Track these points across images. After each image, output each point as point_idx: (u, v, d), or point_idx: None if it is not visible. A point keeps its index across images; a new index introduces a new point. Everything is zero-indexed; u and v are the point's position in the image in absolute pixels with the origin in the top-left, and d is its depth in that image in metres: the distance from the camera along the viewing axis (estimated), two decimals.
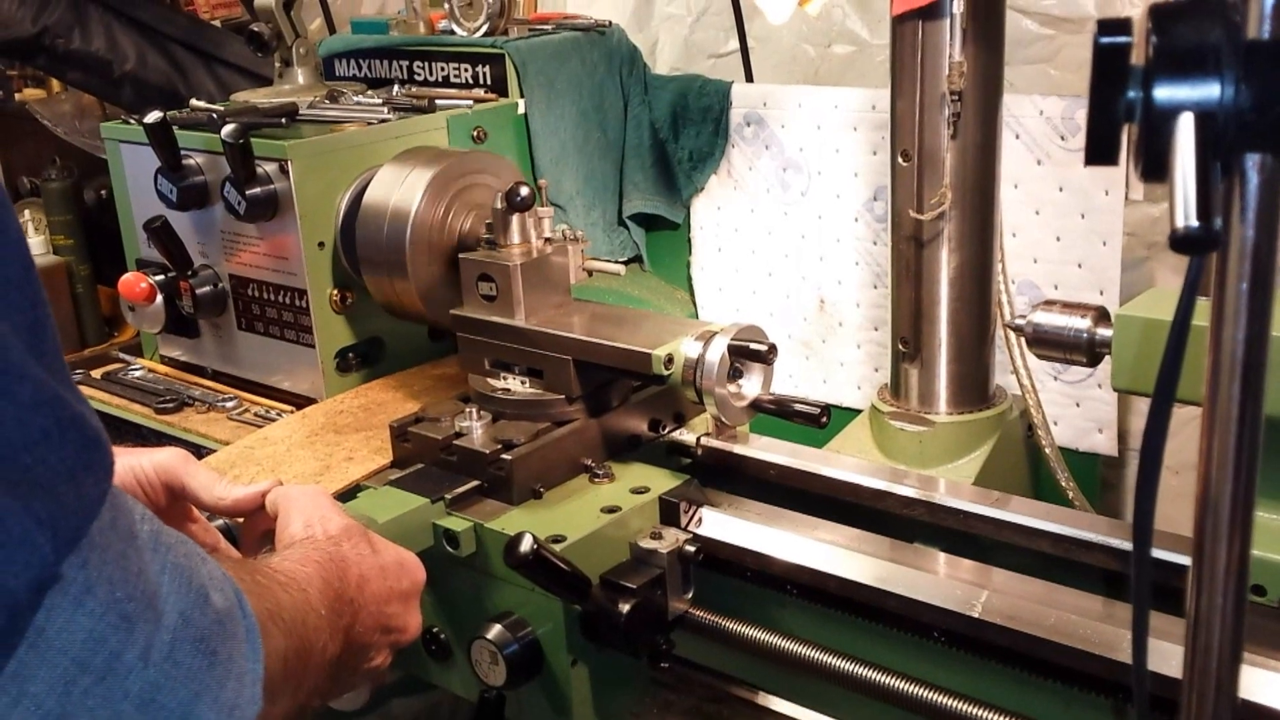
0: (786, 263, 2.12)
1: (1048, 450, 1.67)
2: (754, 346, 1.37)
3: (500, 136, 2.03)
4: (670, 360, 1.42)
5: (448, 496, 1.43)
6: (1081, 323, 1.20)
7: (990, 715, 1.19)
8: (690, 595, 1.43)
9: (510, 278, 1.54)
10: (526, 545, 1.26)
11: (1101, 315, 1.20)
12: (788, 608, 1.42)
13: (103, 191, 3.10)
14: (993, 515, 1.45)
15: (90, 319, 3.12)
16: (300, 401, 1.88)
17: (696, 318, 2.26)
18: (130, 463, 1.26)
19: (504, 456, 1.44)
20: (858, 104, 1.96)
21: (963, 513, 1.47)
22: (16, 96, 3.35)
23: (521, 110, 2.06)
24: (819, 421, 1.39)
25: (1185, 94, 0.57)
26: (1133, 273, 1.95)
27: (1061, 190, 1.77)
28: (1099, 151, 0.58)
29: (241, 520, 1.32)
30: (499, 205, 1.56)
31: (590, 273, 1.64)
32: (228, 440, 1.79)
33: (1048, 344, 1.22)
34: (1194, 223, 0.56)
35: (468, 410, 1.52)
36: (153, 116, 1.77)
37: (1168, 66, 0.57)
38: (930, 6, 1.49)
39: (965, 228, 1.61)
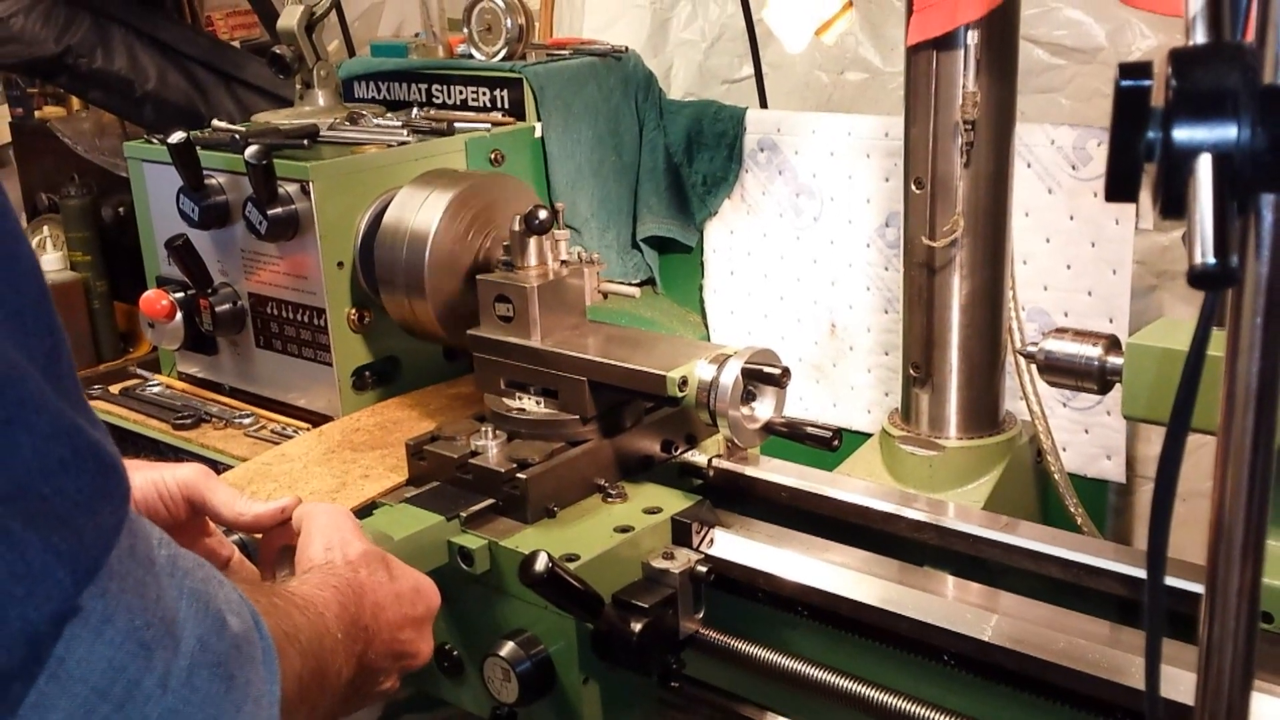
0: (798, 287, 2.14)
1: (1056, 476, 1.69)
2: (768, 370, 1.38)
3: (517, 159, 2.06)
4: (684, 382, 1.44)
5: (463, 514, 1.45)
6: (1093, 351, 1.21)
7: None
8: (701, 615, 1.44)
9: (527, 299, 1.56)
10: (541, 564, 1.27)
11: (1113, 344, 1.22)
12: (798, 629, 1.44)
13: (120, 209, 3.14)
14: (1001, 540, 1.46)
15: (106, 334, 3.15)
16: (317, 419, 1.90)
17: (709, 340, 2.28)
18: (152, 477, 1.27)
19: (519, 476, 1.45)
20: (870, 131, 1.99)
21: (972, 537, 1.49)
22: (37, 114, 3.39)
23: (538, 134, 2.09)
24: (830, 445, 1.40)
25: (1203, 136, 0.59)
26: (1142, 301, 1.97)
27: (1072, 219, 1.79)
28: (1119, 189, 0.60)
29: (260, 535, 1.33)
30: (517, 227, 1.58)
31: (605, 295, 1.65)
32: (245, 456, 1.81)
33: (1059, 371, 1.24)
34: (1211, 260, 0.58)
35: (483, 430, 1.54)
36: (177, 137, 1.80)
37: (1187, 109, 0.59)
38: (945, 37, 1.51)
39: (977, 255, 1.62)
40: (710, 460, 1.67)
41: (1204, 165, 0.59)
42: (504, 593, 1.44)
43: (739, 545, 1.46)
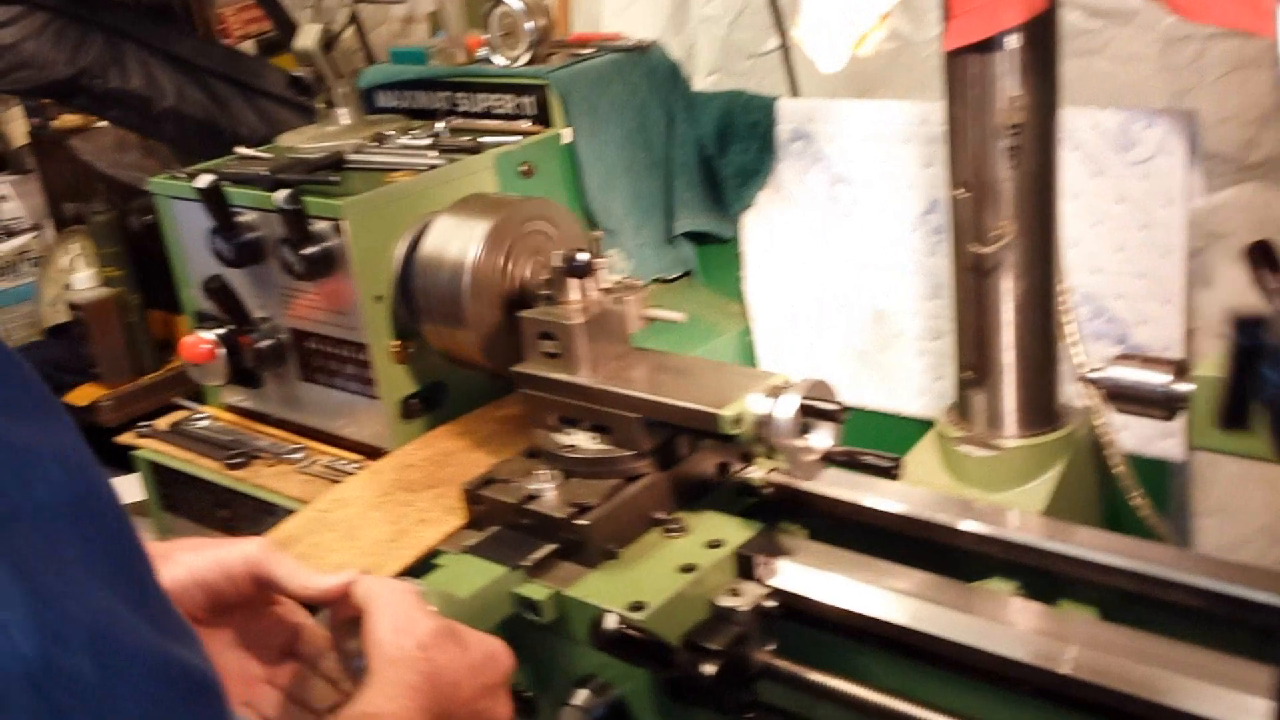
0: (840, 275, 2.10)
1: (1119, 470, 1.66)
2: (824, 407, 1.36)
3: (548, 168, 2.02)
4: (739, 419, 1.42)
5: (526, 564, 1.44)
6: (1160, 379, 1.19)
7: None
8: (773, 646, 1.44)
9: (572, 336, 1.54)
10: (612, 624, 1.27)
11: (1180, 370, 1.19)
12: (872, 656, 1.43)
13: (146, 217, 3.12)
14: (1071, 553, 1.44)
15: (144, 345, 3.15)
16: (366, 449, 1.90)
17: (749, 331, 2.25)
18: (216, 555, 1.27)
19: (579, 522, 1.45)
20: (908, 118, 1.94)
21: (1039, 550, 1.47)
22: (54, 124, 3.37)
23: (567, 140, 2.05)
24: (891, 474, 1.38)
25: None
26: (1190, 263, 1.92)
27: (1121, 202, 1.74)
28: (1233, 420, 0.60)
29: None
30: (557, 263, 1.56)
31: (649, 320, 1.63)
32: (298, 495, 1.81)
33: (1125, 399, 1.21)
34: None
35: (538, 473, 1.53)
36: (204, 181, 1.78)
37: None
38: (985, 40, 1.46)
39: (1028, 255, 1.59)
40: (767, 475, 1.66)
41: None
42: (572, 639, 1.43)
43: (804, 576, 1.45)
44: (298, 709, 1.36)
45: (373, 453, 1.89)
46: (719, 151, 2.16)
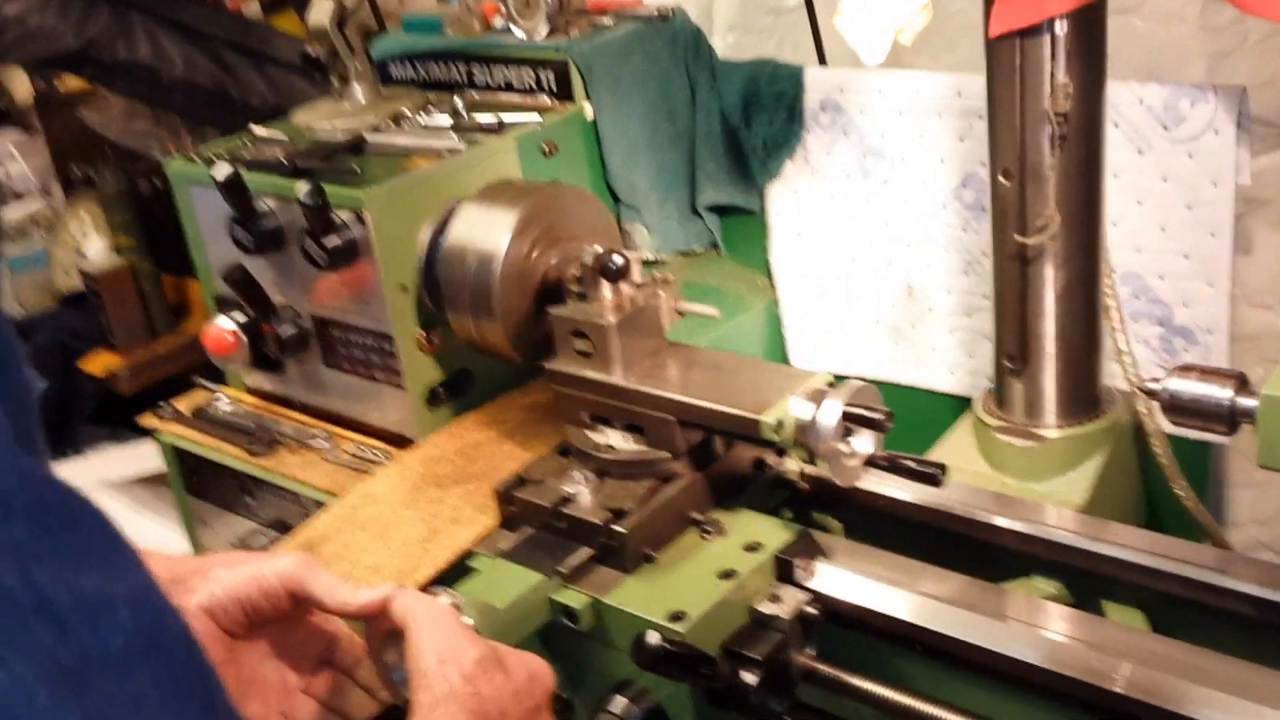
0: (871, 249, 2.06)
1: (1164, 462, 1.63)
2: (869, 415, 1.33)
3: (570, 146, 1.97)
4: (780, 425, 1.38)
5: (563, 570, 1.42)
6: (1223, 393, 1.15)
7: None
8: (814, 651, 1.42)
9: (606, 336, 1.50)
10: (654, 642, 1.25)
11: (1242, 384, 1.15)
12: (914, 661, 1.41)
13: (156, 180, 3.08)
14: (1115, 555, 1.42)
15: (159, 312, 3.12)
16: (392, 437, 1.87)
17: (777, 304, 2.21)
18: (252, 571, 1.26)
19: (616, 529, 1.42)
20: (941, 89, 1.88)
21: (1083, 551, 1.45)
22: (61, 88, 3.31)
23: (589, 116, 1.99)
24: (936, 481, 1.36)
25: None
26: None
27: (1165, 181, 1.69)
28: None
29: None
30: (589, 261, 1.52)
31: (682, 314, 1.59)
32: (326, 487, 1.79)
33: (1185, 413, 1.17)
34: None
35: (572, 474, 1.50)
36: (223, 172, 1.73)
37: None
38: (1030, 26, 1.40)
39: (1071, 244, 1.54)
40: (802, 470, 1.63)
41: None
42: (610, 645, 1.42)
43: (844, 580, 1.43)
44: (335, 718, 1.36)
45: (398, 440, 1.86)
46: (744, 122, 2.10)
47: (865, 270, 2.07)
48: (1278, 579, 1.32)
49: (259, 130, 2.03)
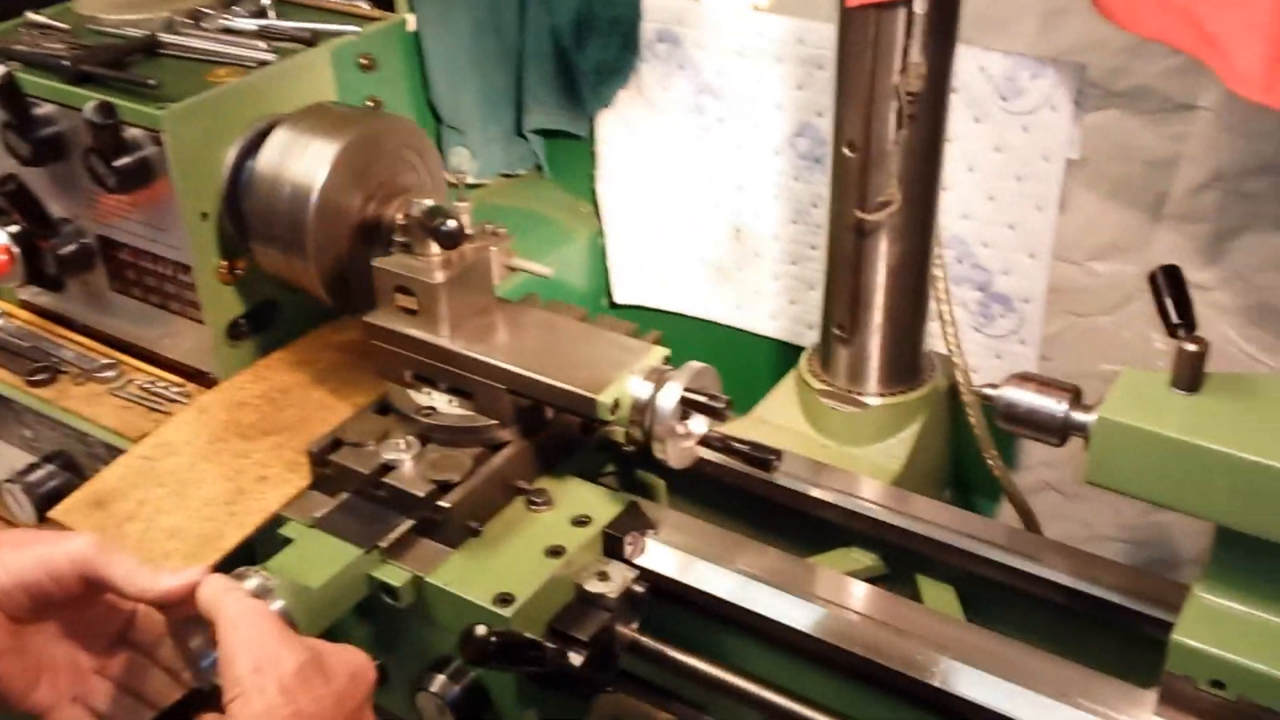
0: (701, 188, 2.01)
1: (978, 433, 1.67)
2: (709, 403, 1.30)
3: (389, 61, 1.83)
4: (617, 405, 1.34)
5: (382, 544, 1.35)
6: (1057, 406, 1.16)
7: None
8: (638, 624, 1.41)
9: (434, 295, 1.41)
10: (482, 633, 1.21)
11: (1076, 398, 1.17)
12: (738, 635, 1.41)
13: None
14: (931, 535, 1.46)
15: None
16: (189, 371, 1.74)
17: (602, 234, 2.15)
18: (39, 554, 1.16)
19: (441, 504, 1.36)
20: (784, 34, 1.82)
21: (899, 529, 1.48)
22: None
23: (412, 28, 1.85)
24: (769, 468, 1.35)
25: None
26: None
27: (998, 151, 1.70)
28: None
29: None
30: (417, 215, 1.42)
31: (513, 269, 1.52)
32: (115, 427, 1.66)
33: (1019, 421, 1.19)
34: None
35: (393, 441, 1.42)
36: None
37: None
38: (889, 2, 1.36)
39: (908, 220, 1.54)
40: (629, 433, 1.60)
41: None
42: (430, 621, 1.37)
43: (671, 557, 1.42)
44: (132, 701, 1.27)
45: (196, 376, 1.73)
46: (576, 45, 2.00)
47: (694, 209, 2.03)
48: (1083, 568, 1.37)
49: (34, 16, 1.81)
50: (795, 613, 1.34)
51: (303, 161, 1.52)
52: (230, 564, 1.40)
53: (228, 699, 1.07)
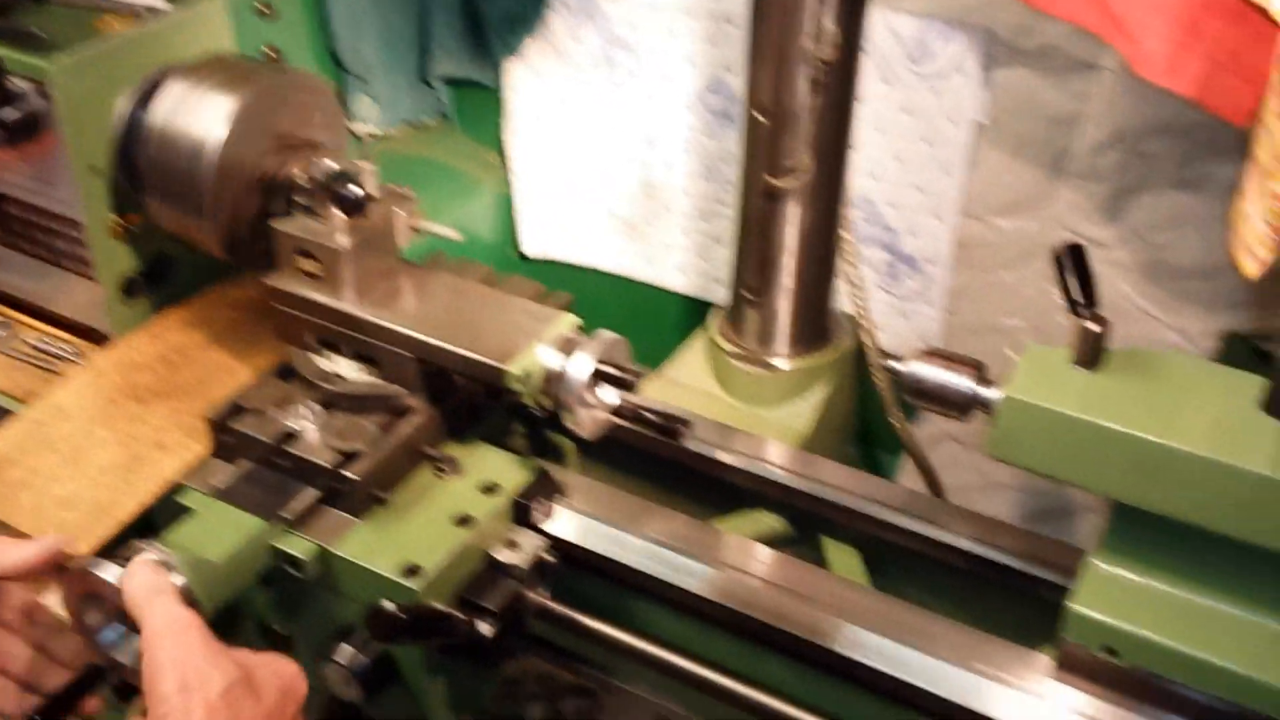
0: (611, 141, 1.99)
1: (885, 394, 1.69)
2: (620, 376, 1.29)
3: (289, 8, 1.77)
4: (528, 376, 1.33)
5: (286, 515, 1.33)
6: (964, 382, 1.18)
7: None
8: (548, 591, 1.41)
9: (338, 261, 1.38)
10: (390, 609, 1.20)
11: (981, 374, 1.19)
12: (646, 601, 1.42)
13: None
14: (837, 501, 1.48)
15: None
16: (82, 329, 1.68)
17: (509, 184, 2.12)
18: None
19: (347, 474, 1.34)
20: None
21: (805, 494, 1.50)
22: None
23: None
24: (677, 436, 1.34)
25: None
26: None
27: (908, 114, 1.70)
28: None
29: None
30: (320, 177, 1.38)
31: (419, 231, 1.48)
32: (4, 387, 1.60)
33: (925, 396, 1.20)
34: None
35: (297, 407, 1.39)
36: None
37: None
38: None
39: (818, 185, 1.53)
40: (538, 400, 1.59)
41: None
42: (335, 591, 1.35)
43: (581, 524, 1.42)
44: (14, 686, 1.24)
45: (89, 334, 1.67)
46: None
47: (604, 162, 2.01)
48: (983, 532, 1.41)
49: None
50: (702, 579, 1.35)
51: (201, 117, 1.46)
52: (127, 534, 1.37)
53: (152, 717, 1.04)
